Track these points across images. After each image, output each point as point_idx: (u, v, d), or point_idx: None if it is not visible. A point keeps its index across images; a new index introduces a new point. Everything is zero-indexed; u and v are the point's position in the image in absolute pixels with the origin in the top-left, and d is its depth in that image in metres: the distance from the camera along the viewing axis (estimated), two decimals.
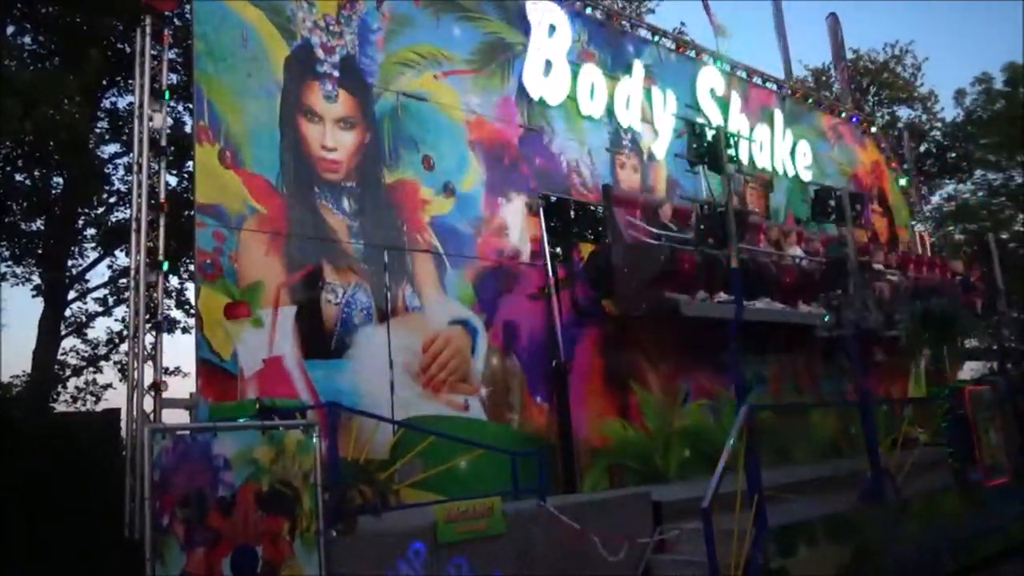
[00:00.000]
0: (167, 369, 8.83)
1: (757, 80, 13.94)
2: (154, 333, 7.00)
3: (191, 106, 8.21)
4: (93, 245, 14.80)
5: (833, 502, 7.75)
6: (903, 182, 17.10)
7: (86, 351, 15.16)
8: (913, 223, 17.34)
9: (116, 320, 15.22)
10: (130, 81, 11.22)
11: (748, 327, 7.48)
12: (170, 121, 10.33)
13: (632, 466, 9.39)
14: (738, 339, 7.23)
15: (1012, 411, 9.99)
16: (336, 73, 8.31)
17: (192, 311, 8.46)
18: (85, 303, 15.01)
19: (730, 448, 6.35)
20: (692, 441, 10.05)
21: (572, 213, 9.36)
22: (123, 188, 14.26)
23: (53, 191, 14.04)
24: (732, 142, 8.18)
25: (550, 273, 9.29)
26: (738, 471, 6.39)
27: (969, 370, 17.80)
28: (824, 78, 25.80)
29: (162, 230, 7.07)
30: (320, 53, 8.25)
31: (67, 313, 14.45)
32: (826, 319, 8.58)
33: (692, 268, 9.18)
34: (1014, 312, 12.20)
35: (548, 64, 10.28)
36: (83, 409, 14.43)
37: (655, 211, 10.12)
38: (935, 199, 26.53)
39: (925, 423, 9.45)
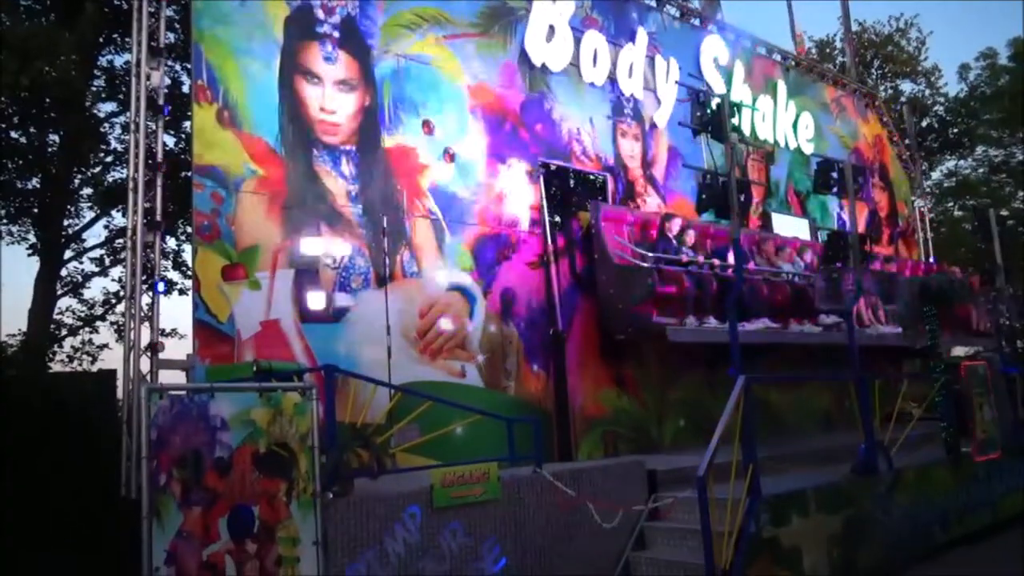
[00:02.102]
0: (163, 331, 8.82)
1: (761, 50, 13.81)
2: (151, 294, 6.96)
3: (189, 65, 8.10)
4: (89, 204, 14.73)
5: (826, 473, 7.81)
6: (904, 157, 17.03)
7: (82, 311, 15.12)
8: (914, 199, 17.31)
9: (112, 280, 15.20)
10: (127, 39, 11.05)
11: (743, 349, 7.37)
12: (168, 80, 10.22)
13: (627, 435, 9.43)
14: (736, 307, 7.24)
15: (1006, 387, 10.05)
16: (336, 34, 8.21)
17: (189, 272, 8.42)
18: (81, 263, 14.96)
19: (726, 419, 6.37)
20: (687, 412, 10.08)
21: (572, 181, 9.27)
22: (120, 147, 14.13)
23: (49, 149, 13.90)
24: (735, 111, 8.09)
25: (549, 241, 9.28)
26: (734, 441, 6.42)
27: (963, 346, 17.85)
28: (828, 50, 25.56)
29: (159, 190, 7.02)
30: (320, 13, 8.14)
31: (63, 272, 14.40)
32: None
33: (681, 290, 9.04)
34: (1011, 289, 12.13)
35: (551, 29, 10.15)
36: (79, 369, 14.43)
37: (663, 225, 9.70)
38: (936, 174, 26.42)
39: (920, 398, 9.47)
